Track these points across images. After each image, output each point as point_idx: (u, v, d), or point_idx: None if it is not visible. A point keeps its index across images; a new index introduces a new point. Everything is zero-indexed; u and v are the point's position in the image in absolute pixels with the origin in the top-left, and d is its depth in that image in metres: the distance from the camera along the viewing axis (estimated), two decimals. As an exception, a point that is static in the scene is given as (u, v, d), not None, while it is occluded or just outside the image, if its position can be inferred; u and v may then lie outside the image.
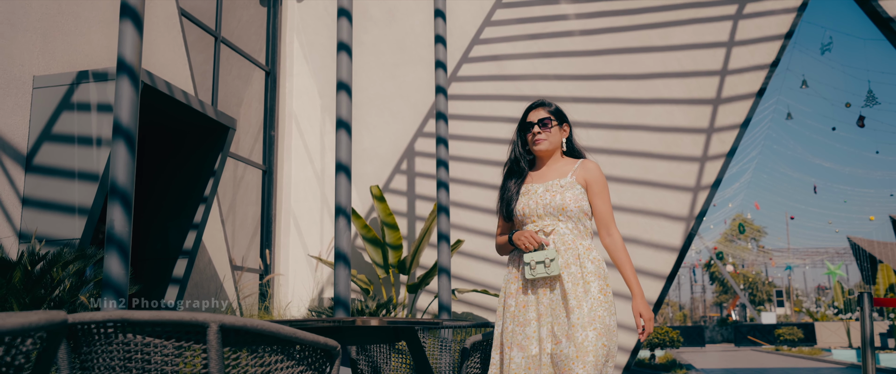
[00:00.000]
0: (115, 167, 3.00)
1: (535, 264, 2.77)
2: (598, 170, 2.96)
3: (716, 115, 7.26)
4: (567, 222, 2.87)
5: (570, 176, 2.93)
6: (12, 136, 4.72)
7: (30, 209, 4.75)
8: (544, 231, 2.87)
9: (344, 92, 4.39)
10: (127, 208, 2.99)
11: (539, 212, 2.89)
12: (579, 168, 2.96)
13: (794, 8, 7.27)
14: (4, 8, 4.71)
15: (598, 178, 2.93)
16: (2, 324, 1.09)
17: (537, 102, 3.07)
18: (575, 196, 2.87)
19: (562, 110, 3.07)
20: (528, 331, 2.77)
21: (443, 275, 5.15)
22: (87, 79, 4.86)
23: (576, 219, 2.88)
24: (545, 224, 2.88)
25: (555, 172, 2.98)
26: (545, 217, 2.89)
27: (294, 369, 1.76)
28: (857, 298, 4.50)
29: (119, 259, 2.93)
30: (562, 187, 2.90)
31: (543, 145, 2.98)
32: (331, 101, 8.30)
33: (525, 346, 2.75)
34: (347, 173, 4.30)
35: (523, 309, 2.81)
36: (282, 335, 1.66)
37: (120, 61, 3.10)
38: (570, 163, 3.01)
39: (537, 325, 2.77)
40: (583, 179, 2.93)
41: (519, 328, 2.79)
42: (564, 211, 2.86)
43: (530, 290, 2.82)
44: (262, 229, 7.95)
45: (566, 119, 3.06)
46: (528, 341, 2.75)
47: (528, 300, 2.81)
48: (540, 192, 2.92)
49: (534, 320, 2.78)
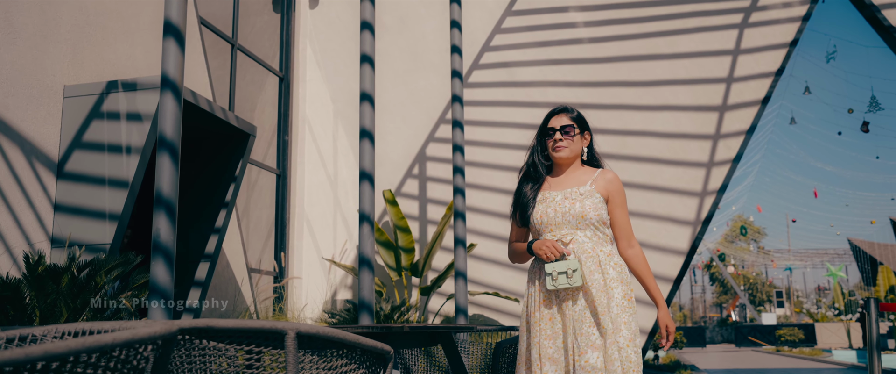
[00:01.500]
0: (160, 178, 3.16)
1: (556, 275, 2.72)
2: (618, 181, 2.93)
3: (722, 121, 7.42)
4: (586, 230, 2.82)
5: (590, 185, 2.89)
6: (44, 143, 4.88)
7: (61, 215, 4.91)
8: (563, 241, 2.82)
9: (367, 102, 4.55)
10: (171, 216, 3.15)
11: (557, 220, 2.84)
12: (599, 178, 2.92)
13: (799, 17, 7.43)
14: (37, 20, 4.87)
15: (618, 189, 2.90)
16: (137, 334, 1.25)
17: (560, 108, 3.01)
18: (595, 205, 2.83)
19: (584, 118, 3.03)
20: (558, 344, 2.74)
21: (459, 279, 5.31)
22: (117, 89, 5.01)
23: (595, 227, 2.83)
24: (564, 233, 2.84)
25: (573, 180, 2.93)
26: (563, 226, 2.84)
27: (356, 371, 1.92)
28: (864, 303, 4.63)
29: (165, 266, 3.08)
30: (581, 194, 2.85)
31: (564, 153, 2.93)
32: (343, 106, 8.46)
33: (557, 359, 2.71)
34: (371, 181, 4.45)
35: (550, 322, 2.77)
36: (347, 340, 1.82)
37: (164, 77, 3.26)
38: (589, 172, 2.96)
39: (564, 336, 2.74)
40: (604, 189, 2.89)
41: (549, 341, 2.75)
42: (584, 219, 2.81)
43: (554, 303, 2.78)
44: (277, 232, 8.10)
45: (588, 127, 3.03)
46: (559, 353, 2.72)
47: (553, 313, 2.77)
48: (558, 200, 2.87)
49: (561, 331, 2.75)
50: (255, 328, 1.70)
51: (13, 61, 4.65)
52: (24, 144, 4.70)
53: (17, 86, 4.68)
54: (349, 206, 8.36)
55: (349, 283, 8.18)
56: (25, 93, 4.74)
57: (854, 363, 15.52)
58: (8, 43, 4.62)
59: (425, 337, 3.33)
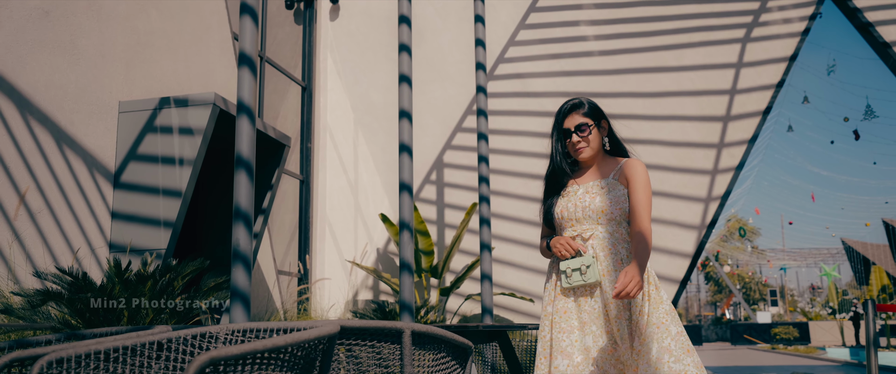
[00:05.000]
0: (238, 193, 3.54)
1: (571, 272, 2.67)
2: (640, 166, 2.77)
3: (726, 131, 7.83)
4: (607, 226, 2.72)
5: (613, 176, 2.79)
6: (102, 155, 5.25)
7: (118, 222, 5.28)
8: (582, 237, 2.75)
9: (405, 119, 4.93)
10: (249, 227, 3.53)
11: (578, 215, 2.75)
12: (623, 167, 2.80)
13: (798, 32, 7.85)
14: (97, 41, 5.24)
15: (637, 172, 2.74)
16: (322, 332, 1.64)
17: (570, 105, 2.90)
18: (617, 198, 2.73)
19: (596, 106, 2.91)
20: (571, 338, 2.66)
21: (485, 281, 5.70)
22: (169, 105, 5.39)
23: (617, 222, 2.73)
24: (584, 229, 2.74)
25: (596, 174, 2.84)
26: (584, 221, 2.75)
27: (450, 363, 2.32)
28: (863, 304, 5.00)
29: (244, 272, 3.47)
30: (602, 188, 2.76)
31: (585, 154, 2.83)
32: (363, 114, 8.84)
33: (570, 353, 2.64)
34: (410, 192, 4.84)
35: (565, 316, 2.70)
36: (444, 337, 2.22)
37: (239, 103, 3.64)
38: (613, 163, 2.86)
39: (581, 334, 2.67)
40: (625, 177, 2.77)
41: (562, 335, 2.68)
42: (604, 214, 2.72)
43: (571, 297, 2.72)
44: (300, 235, 8.48)
45: (603, 116, 2.90)
46: (573, 347, 2.64)
47: (569, 307, 2.71)
48: (579, 193, 2.79)
49: (577, 328, 2.68)
50: (378, 327, 2.08)
51: (77, 80, 5.03)
52: (86, 157, 5.08)
53: (80, 103, 5.05)
54: (369, 210, 8.74)
55: (369, 284, 8.57)
56: (87, 109, 5.11)
57: (847, 360, 15.97)
58: (73, 63, 4.99)
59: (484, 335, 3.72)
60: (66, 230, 4.88)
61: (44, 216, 4.68)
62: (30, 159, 4.62)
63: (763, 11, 7.99)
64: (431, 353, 2.28)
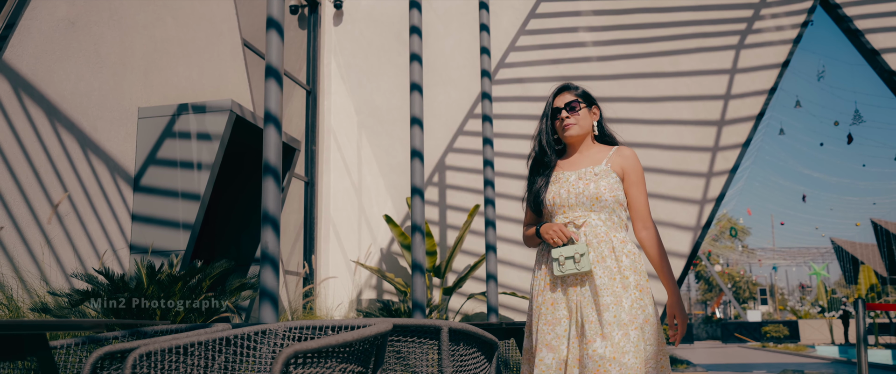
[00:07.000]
0: (266, 198, 3.74)
1: (563, 260, 2.58)
2: (635, 158, 2.76)
3: (720, 135, 8.08)
4: (600, 213, 2.67)
5: (605, 163, 2.73)
6: (123, 159, 5.44)
7: (138, 224, 5.47)
8: (575, 223, 2.68)
9: (417, 126, 5.14)
10: (277, 231, 3.74)
11: (571, 202, 2.68)
12: (615, 155, 2.76)
13: (790, 39, 8.10)
14: (118, 49, 5.42)
15: (635, 166, 2.73)
16: (380, 329, 1.86)
17: (563, 86, 2.85)
18: (610, 185, 2.67)
19: (589, 93, 2.86)
20: (558, 331, 2.57)
21: (491, 281, 5.92)
22: (187, 111, 5.58)
23: (610, 210, 2.67)
24: (576, 215, 2.68)
25: (587, 160, 2.77)
26: (577, 208, 2.68)
27: (480, 356, 2.53)
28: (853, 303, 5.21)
29: (273, 273, 3.67)
30: (596, 175, 2.70)
31: (573, 130, 2.77)
32: (366, 118, 9.04)
33: (555, 346, 2.55)
34: (422, 196, 5.05)
35: (552, 307, 2.61)
36: (478, 334, 2.44)
37: (267, 113, 3.84)
38: (603, 150, 2.80)
39: (568, 323, 2.59)
40: (619, 167, 2.72)
41: (548, 327, 2.59)
42: (599, 201, 2.65)
43: (559, 286, 2.63)
44: (305, 235, 8.68)
45: (595, 101, 2.86)
46: (559, 340, 2.56)
47: (557, 298, 2.62)
48: (572, 180, 2.71)
49: (564, 318, 2.59)
50: (420, 325, 2.29)
51: (100, 87, 5.21)
52: (108, 161, 5.27)
53: (102, 109, 5.24)
54: (372, 211, 8.95)
55: (373, 283, 8.78)
56: (109, 115, 5.30)
57: (836, 358, 16.29)
58: (96, 71, 5.18)
59: (503, 332, 3.93)
60: (90, 233, 5.07)
61: (70, 219, 4.87)
62: (58, 165, 4.81)
63: (756, 19, 8.24)
64: (472, 349, 2.50)
